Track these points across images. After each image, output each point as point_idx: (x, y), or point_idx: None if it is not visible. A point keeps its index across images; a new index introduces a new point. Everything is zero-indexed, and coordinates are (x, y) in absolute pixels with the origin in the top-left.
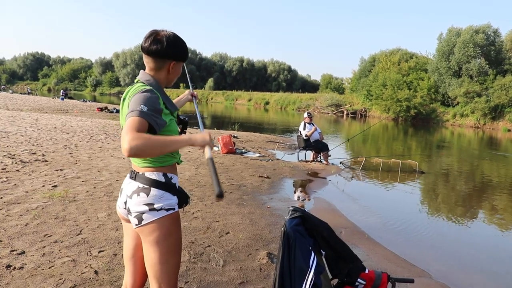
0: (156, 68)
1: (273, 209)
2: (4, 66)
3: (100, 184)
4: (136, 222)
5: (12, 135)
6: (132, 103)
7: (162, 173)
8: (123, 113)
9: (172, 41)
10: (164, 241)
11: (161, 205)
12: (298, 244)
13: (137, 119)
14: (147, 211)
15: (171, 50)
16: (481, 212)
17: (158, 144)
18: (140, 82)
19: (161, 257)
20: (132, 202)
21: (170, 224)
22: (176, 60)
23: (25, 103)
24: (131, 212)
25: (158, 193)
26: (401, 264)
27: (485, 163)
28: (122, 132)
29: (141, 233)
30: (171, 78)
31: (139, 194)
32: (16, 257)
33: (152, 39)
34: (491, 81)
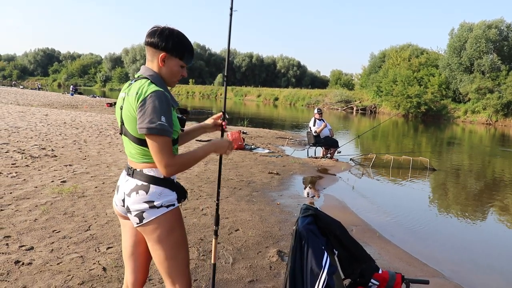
0: (149, 58)
1: (283, 206)
2: (15, 62)
3: (109, 180)
4: (137, 221)
5: (22, 130)
6: (149, 111)
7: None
8: (127, 108)
9: (166, 33)
10: (168, 238)
11: (161, 202)
12: (311, 243)
13: (162, 139)
14: (147, 209)
15: (162, 41)
16: (493, 210)
17: (191, 162)
18: (143, 78)
19: (167, 254)
20: (131, 201)
21: (172, 220)
22: (167, 52)
23: (35, 99)
24: (130, 211)
25: (158, 190)
26: (414, 264)
27: (497, 160)
28: (154, 152)
29: (144, 232)
30: (164, 73)
31: (137, 192)
32: (24, 253)
33: (151, 31)
34: (503, 77)
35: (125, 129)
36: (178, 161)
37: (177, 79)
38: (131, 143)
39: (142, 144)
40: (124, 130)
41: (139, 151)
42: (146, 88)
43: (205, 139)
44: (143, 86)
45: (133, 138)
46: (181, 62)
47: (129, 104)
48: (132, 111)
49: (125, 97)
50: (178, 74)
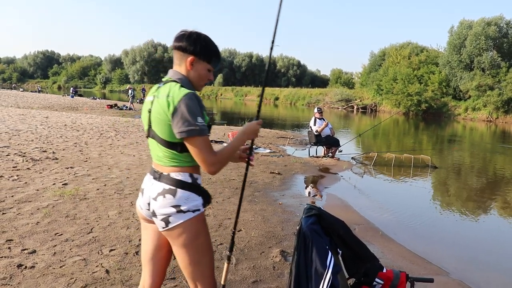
0: (177, 62)
1: (285, 205)
2: (15, 65)
3: (111, 182)
4: (163, 225)
5: (22, 133)
6: (185, 114)
7: (188, 174)
8: (156, 111)
9: (194, 37)
10: (193, 242)
11: (188, 207)
12: (315, 243)
13: (202, 139)
14: (174, 213)
15: (190, 45)
16: (495, 207)
17: (230, 157)
18: (172, 81)
19: (192, 258)
20: (157, 204)
21: (198, 225)
22: (195, 55)
23: (35, 101)
24: (156, 214)
25: (185, 195)
26: (417, 262)
27: (498, 157)
28: (197, 153)
29: (169, 236)
30: (192, 77)
31: (164, 195)
32: (27, 256)
33: (179, 35)
34: (503, 74)
35: (153, 132)
36: (220, 158)
37: (204, 83)
38: (159, 146)
39: (171, 147)
40: (151, 133)
41: (167, 154)
42: (177, 91)
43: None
44: (174, 89)
45: (162, 141)
46: (209, 65)
47: (159, 106)
48: (163, 114)
49: (154, 100)
50: (205, 77)
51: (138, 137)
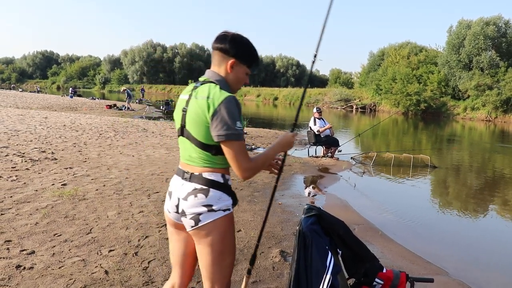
0: (217, 63)
1: (284, 206)
2: (14, 65)
3: (110, 182)
4: (192, 224)
5: (21, 133)
6: (225, 118)
7: (220, 174)
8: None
9: (237, 40)
10: (221, 242)
11: (219, 206)
12: (315, 244)
13: (239, 144)
14: (205, 212)
15: (233, 47)
16: (495, 206)
17: (263, 166)
18: (210, 82)
19: (216, 258)
20: (187, 204)
21: (226, 225)
22: (236, 58)
23: (34, 102)
24: (186, 214)
25: (217, 194)
26: (417, 262)
27: (497, 157)
28: (233, 157)
29: (197, 235)
30: (231, 79)
31: (196, 195)
32: (26, 257)
33: (220, 36)
34: (502, 74)
35: (188, 132)
36: (254, 165)
37: (241, 86)
38: (193, 147)
39: (206, 149)
40: (185, 133)
41: (201, 156)
42: (218, 94)
43: None
44: (214, 91)
45: (197, 142)
46: (248, 69)
47: (198, 107)
48: (202, 115)
49: (190, 100)
50: (243, 81)
51: (137, 137)
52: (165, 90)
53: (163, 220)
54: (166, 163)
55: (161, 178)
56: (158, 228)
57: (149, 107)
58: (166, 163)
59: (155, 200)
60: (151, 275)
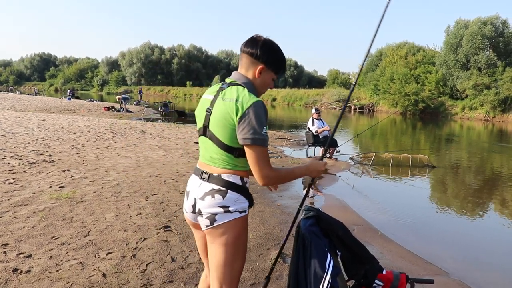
0: (245, 66)
1: (283, 207)
2: (12, 67)
3: (108, 184)
4: (208, 223)
5: (19, 135)
6: (253, 122)
7: (239, 177)
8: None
9: (267, 45)
10: (234, 243)
11: (236, 208)
12: (314, 245)
13: (263, 150)
14: (221, 213)
15: (263, 52)
16: (494, 206)
17: (284, 180)
18: (237, 85)
19: (228, 259)
20: (204, 204)
21: (241, 226)
22: (265, 64)
23: (32, 104)
24: (202, 213)
25: (234, 196)
26: (417, 262)
27: (495, 156)
28: (256, 162)
29: (211, 234)
30: (257, 84)
31: (213, 196)
32: (23, 260)
33: (250, 39)
34: (500, 73)
35: (211, 133)
36: (275, 174)
37: (266, 90)
38: (215, 147)
39: (229, 151)
40: (208, 134)
41: (223, 157)
42: (247, 97)
43: None
44: (244, 94)
45: (220, 143)
46: (274, 75)
47: (225, 109)
48: (229, 117)
49: (216, 101)
50: (268, 85)
51: (135, 139)
52: (163, 92)
53: (161, 222)
54: (164, 165)
55: (159, 180)
56: (156, 230)
57: (147, 108)
58: (164, 164)
59: (153, 202)
60: (149, 277)
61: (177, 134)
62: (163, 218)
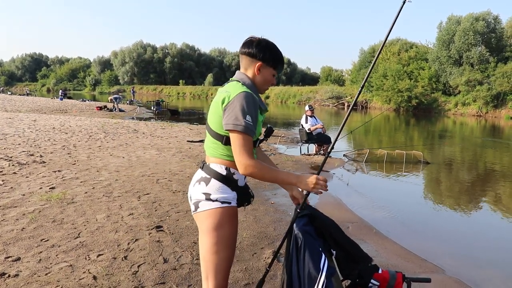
0: (244, 66)
1: (277, 205)
2: (2, 68)
3: (99, 185)
4: (193, 209)
5: (9, 136)
6: (236, 109)
7: (225, 166)
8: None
9: (262, 44)
10: (215, 231)
11: (217, 197)
12: (308, 246)
13: (243, 137)
14: (203, 200)
15: (259, 51)
16: (489, 202)
17: (269, 176)
18: (235, 81)
19: (211, 247)
20: (194, 190)
21: (223, 217)
22: (263, 61)
23: (23, 104)
24: (192, 198)
25: (216, 185)
26: (412, 260)
27: (489, 152)
28: (236, 149)
29: (196, 220)
30: (258, 81)
31: (200, 182)
32: (11, 264)
33: (247, 42)
34: (492, 69)
35: (207, 122)
36: (256, 165)
37: (268, 87)
38: (209, 136)
39: (217, 138)
40: (206, 124)
41: (213, 145)
42: (236, 88)
43: (197, 139)
44: (234, 86)
45: (211, 131)
46: (274, 71)
47: (217, 99)
48: (218, 106)
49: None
50: (270, 82)
51: (128, 138)
52: (156, 91)
53: (153, 222)
54: (156, 164)
55: (152, 180)
56: (148, 231)
57: (140, 107)
58: (157, 164)
59: (145, 202)
60: (141, 279)
61: (170, 133)
62: (155, 218)
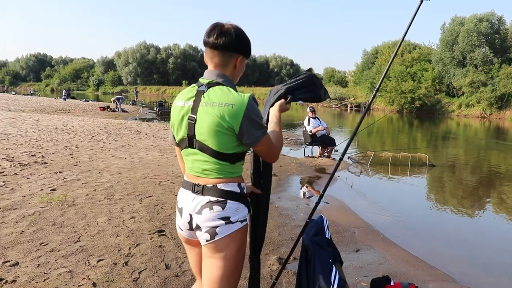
0: (223, 63)
1: (281, 209)
2: (7, 68)
3: (101, 187)
4: (208, 238)
5: (12, 137)
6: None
7: (236, 184)
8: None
9: (240, 33)
10: (235, 256)
11: (237, 217)
12: (317, 258)
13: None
14: (222, 225)
15: (240, 43)
16: (498, 206)
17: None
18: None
19: (226, 273)
20: (202, 218)
21: (243, 237)
22: (243, 54)
23: (27, 104)
24: (201, 227)
25: (235, 206)
26: (421, 267)
27: (494, 154)
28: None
29: (211, 249)
30: (236, 75)
31: (211, 208)
32: (8, 269)
33: (218, 31)
34: (496, 70)
35: (201, 143)
36: (280, 143)
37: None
38: (208, 158)
39: (224, 159)
40: (197, 144)
41: (217, 167)
42: (239, 98)
43: None
44: (233, 96)
45: (213, 152)
46: (246, 59)
47: (218, 114)
48: (224, 123)
49: (199, 106)
50: (243, 71)
51: (130, 139)
52: (159, 91)
53: (155, 226)
54: (159, 166)
55: (154, 182)
56: (150, 235)
57: (143, 108)
58: (159, 165)
59: (147, 205)
60: (142, 286)
61: None
62: (157, 221)
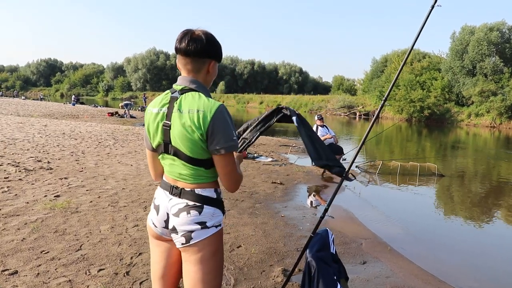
0: (195, 69)
1: (287, 218)
2: (18, 73)
3: (105, 193)
4: (183, 241)
5: (19, 142)
6: (223, 130)
7: (213, 189)
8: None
9: (211, 39)
10: (211, 259)
11: (213, 222)
12: (321, 275)
13: (234, 155)
14: (198, 230)
15: (212, 48)
16: (510, 218)
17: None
18: (190, 91)
19: (204, 277)
20: (179, 221)
21: (218, 241)
22: (215, 59)
23: (36, 109)
24: (177, 231)
25: (211, 211)
26: (430, 281)
27: (504, 164)
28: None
29: (187, 252)
30: (209, 80)
31: (189, 212)
32: (7, 278)
33: (189, 38)
34: (506, 80)
35: (175, 149)
36: (241, 174)
37: None
38: (183, 164)
39: (199, 165)
40: (172, 150)
41: (193, 172)
42: (208, 104)
43: None
44: (202, 102)
45: (188, 158)
46: (218, 63)
47: (188, 121)
48: (194, 130)
49: (172, 113)
50: (216, 75)
51: (137, 145)
52: None
53: None
54: None
55: None
56: None
57: None
58: None
59: None
60: None
61: None
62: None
